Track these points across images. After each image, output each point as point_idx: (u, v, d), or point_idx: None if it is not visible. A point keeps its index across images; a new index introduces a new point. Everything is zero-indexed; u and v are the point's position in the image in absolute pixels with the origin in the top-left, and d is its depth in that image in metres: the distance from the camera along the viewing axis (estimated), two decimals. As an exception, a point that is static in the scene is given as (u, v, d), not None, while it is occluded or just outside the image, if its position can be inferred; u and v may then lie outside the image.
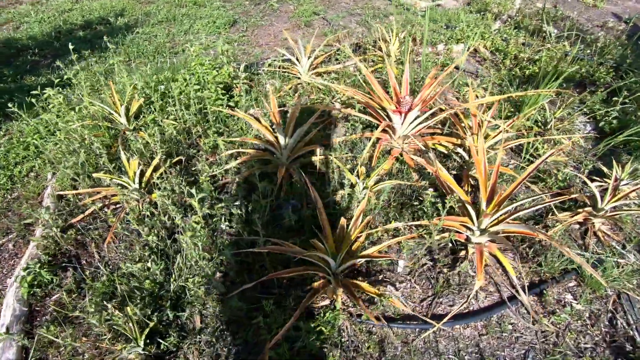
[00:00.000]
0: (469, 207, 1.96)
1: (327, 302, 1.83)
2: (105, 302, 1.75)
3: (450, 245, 2.16)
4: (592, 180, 2.62)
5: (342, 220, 1.87)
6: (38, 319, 1.82)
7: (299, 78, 3.57)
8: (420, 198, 2.29)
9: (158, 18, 4.90)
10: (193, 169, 2.47)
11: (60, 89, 3.23)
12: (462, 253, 2.12)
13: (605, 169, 2.60)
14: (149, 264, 1.87)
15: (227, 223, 2.16)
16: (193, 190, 1.99)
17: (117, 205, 2.32)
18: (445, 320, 1.77)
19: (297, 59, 3.52)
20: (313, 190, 1.88)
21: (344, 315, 1.77)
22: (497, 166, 2.07)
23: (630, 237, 2.26)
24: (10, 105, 2.37)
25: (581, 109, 3.30)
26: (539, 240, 2.21)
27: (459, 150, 2.53)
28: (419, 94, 2.54)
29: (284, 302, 1.81)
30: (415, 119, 2.50)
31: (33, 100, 2.45)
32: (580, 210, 2.32)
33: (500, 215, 1.97)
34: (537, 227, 2.29)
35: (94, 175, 2.15)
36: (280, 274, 1.67)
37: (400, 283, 2.01)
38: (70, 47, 2.36)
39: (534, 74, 3.70)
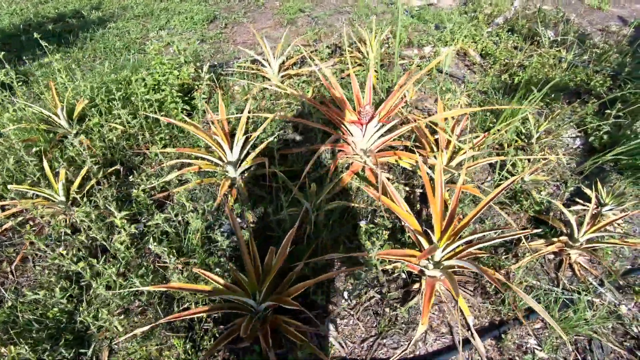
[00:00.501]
0: (421, 238, 1.73)
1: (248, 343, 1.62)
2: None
3: (403, 276, 1.93)
4: (575, 204, 2.37)
5: (271, 250, 1.65)
6: None
7: (269, 80, 3.35)
8: (376, 221, 2.06)
9: (135, 12, 4.69)
10: (131, 179, 2.26)
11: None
12: (416, 286, 1.89)
13: (588, 191, 2.34)
14: (57, 290, 1.67)
15: (155, 244, 1.96)
16: (112, 208, 1.80)
17: (42, 219, 2.12)
18: (383, 368, 1.55)
19: (267, 61, 3.29)
20: (232, 215, 1.65)
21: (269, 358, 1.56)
22: (457, 190, 1.83)
23: (610, 272, 2.01)
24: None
25: (572, 120, 3.04)
26: (504, 273, 1.97)
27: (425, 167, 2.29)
28: (383, 103, 2.30)
29: (202, 341, 1.61)
30: (378, 130, 2.27)
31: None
32: (555, 239, 2.08)
33: (457, 247, 1.74)
34: (506, 257, 2.05)
35: (10, 187, 1.95)
36: (189, 314, 1.45)
37: (341, 319, 1.79)
38: (-3, 44, 2.16)
39: (523, 81, 3.43)
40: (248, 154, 2.35)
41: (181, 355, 1.55)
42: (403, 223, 1.84)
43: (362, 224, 1.56)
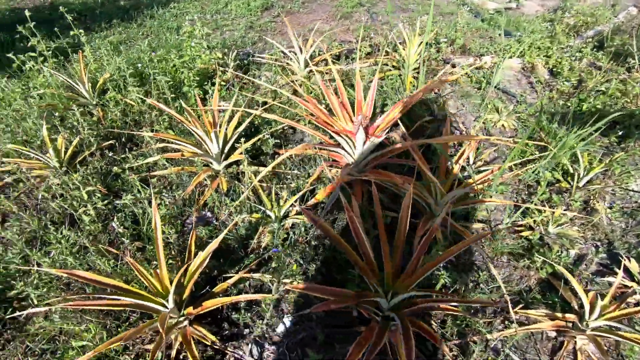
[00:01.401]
0: (371, 282, 1.47)
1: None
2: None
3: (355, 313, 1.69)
4: (612, 273, 1.87)
5: (199, 255, 1.54)
6: None
7: (295, 74, 3.22)
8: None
9: (199, -6, 4.90)
10: (119, 157, 2.32)
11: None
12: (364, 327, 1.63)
13: (629, 263, 1.81)
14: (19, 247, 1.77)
15: (117, 223, 1.97)
16: (71, 182, 1.84)
17: (35, 181, 2.24)
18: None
19: (295, 54, 3.17)
20: (156, 215, 1.56)
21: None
22: (428, 234, 1.53)
23: (629, 374, 1.53)
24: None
25: (645, 167, 2.41)
26: (482, 340, 1.62)
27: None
28: (383, 116, 2.03)
29: (119, 328, 1.57)
30: (372, 144, 2.01)
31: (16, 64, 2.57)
32: (559, 315, 1.64)
33: (413, 299, 1.46)
34: (490, 321, 1.68)
35: (9, 146, 2.12)
36: (104, 304, 1.41)
37: (271, 345, 1.62)
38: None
39: (593, 109, 2.82)
40: (235, 148, 2.27)
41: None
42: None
43: (274, 251, 1.37)
